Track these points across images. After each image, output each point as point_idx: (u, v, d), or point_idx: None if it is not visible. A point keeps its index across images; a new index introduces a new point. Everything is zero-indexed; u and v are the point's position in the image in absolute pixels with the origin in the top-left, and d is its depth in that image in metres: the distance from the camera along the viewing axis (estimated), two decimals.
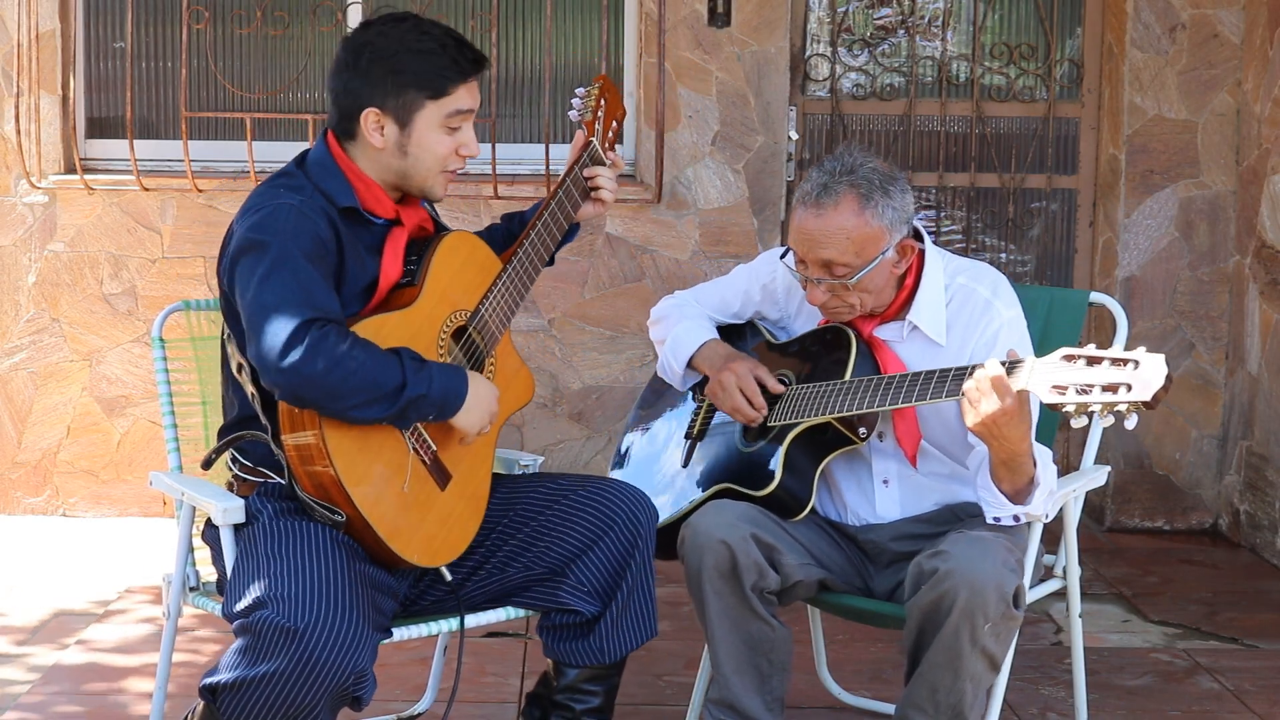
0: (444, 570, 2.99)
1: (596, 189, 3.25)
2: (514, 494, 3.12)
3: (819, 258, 3.09)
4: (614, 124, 3.34)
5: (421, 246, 3.02)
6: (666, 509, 3.29)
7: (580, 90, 3.33)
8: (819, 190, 3.08)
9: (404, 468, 2.87)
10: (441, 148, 2.96)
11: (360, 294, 2.94)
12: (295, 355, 2.72)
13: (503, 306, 3.07)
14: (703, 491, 3.24)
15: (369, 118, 2.95)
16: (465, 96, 2.97)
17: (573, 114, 3.31)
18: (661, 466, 3.40)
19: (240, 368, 2.93)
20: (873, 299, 3.14)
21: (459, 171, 3.03)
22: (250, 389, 2.90)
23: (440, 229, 3.11)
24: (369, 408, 2.77)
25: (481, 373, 3.04)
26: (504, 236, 3.30)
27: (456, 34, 3.01)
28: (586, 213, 3.27)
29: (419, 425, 2.89)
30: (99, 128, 5.55)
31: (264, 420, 2.89)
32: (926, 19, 5.60)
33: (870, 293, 3.12)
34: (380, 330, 2.86)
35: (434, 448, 2.92)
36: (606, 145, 3.30)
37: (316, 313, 2.77)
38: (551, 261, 3.29)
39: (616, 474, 3.48)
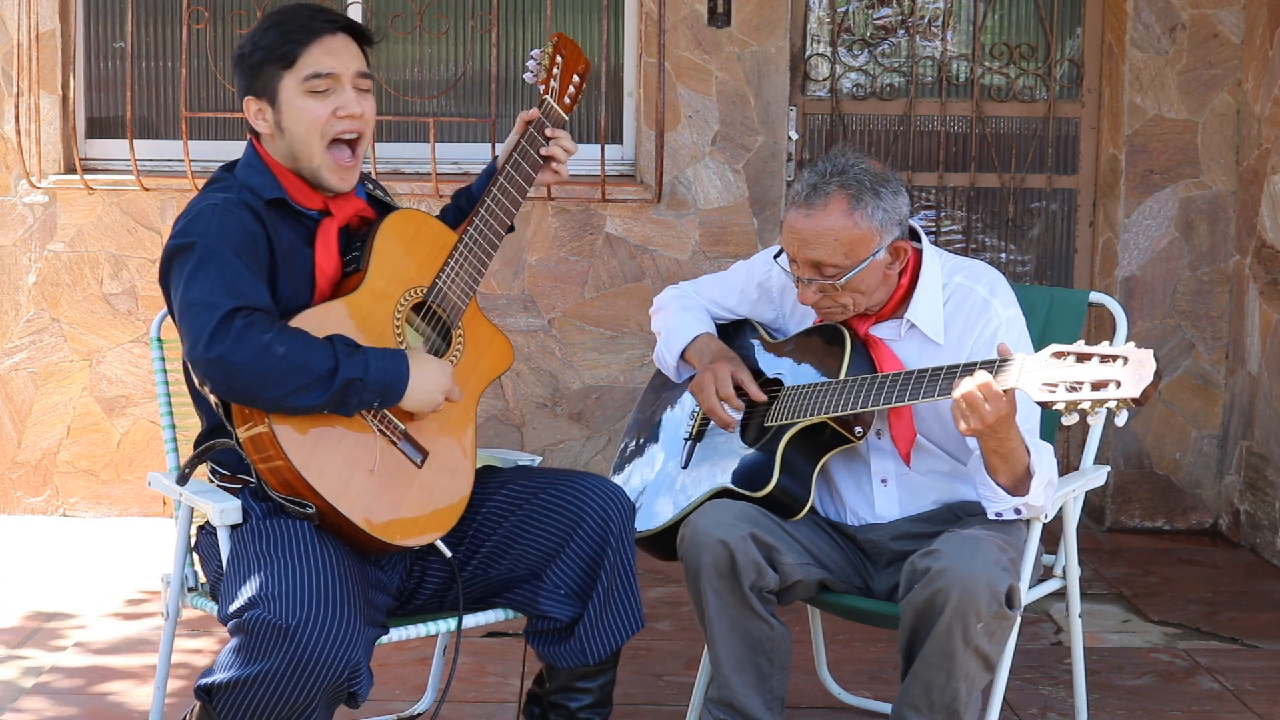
0: (441, 545, 2.97)
1: (551, 156, 3.22)
2: (489, 490, 3.10)
3: (808, 258, 3.09)
4: (574, 78, 3.30)
5: (365, 229, 3.01)
6: (666, 510, 3.29)
7: (535, 52, 3.30)
8: (809, 191, 3.09)
9: (371, 450, 2.86)
10: (309, 114, 2.94)
11: (303, 289, 2.93)
12: (221, 345, 2.72)
13: (462, 277, 3.04)
14: (702, 492, 3.24)
15: (249, 108, 3.00)
16: (321, 57, 2.94)
17: (527, 76, 3.29)
18: (661, 468, 3.40)
19: (201, 384, 2.93)
20: (866, 299, 3.14)
21: (350, 135, 2.95)
22: (214, 398, 2.90)
23: (385, 211, 3.08)
24: (303, 394, 2.75)
25: (450, 344, 3.03)
26: (455, 214, 3.29)
27: (315, 5, 3.02)
28: (544, 179, 3.24)
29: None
30: (99, 128, 5.56)
31: (229, 427, 2.88)
32: (926, 19, 5.60)
33: (862, 293, 3.12)
34: (327, 317, 2.85)
35: (402, 426, 2.90)
36: (568, 100, 3.28)
37: (241, 302, 2.77)
38: (512, 228, 3.24)
39: (617, 476, 3.48)
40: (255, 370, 2.72)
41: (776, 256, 3.23)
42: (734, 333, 3.44)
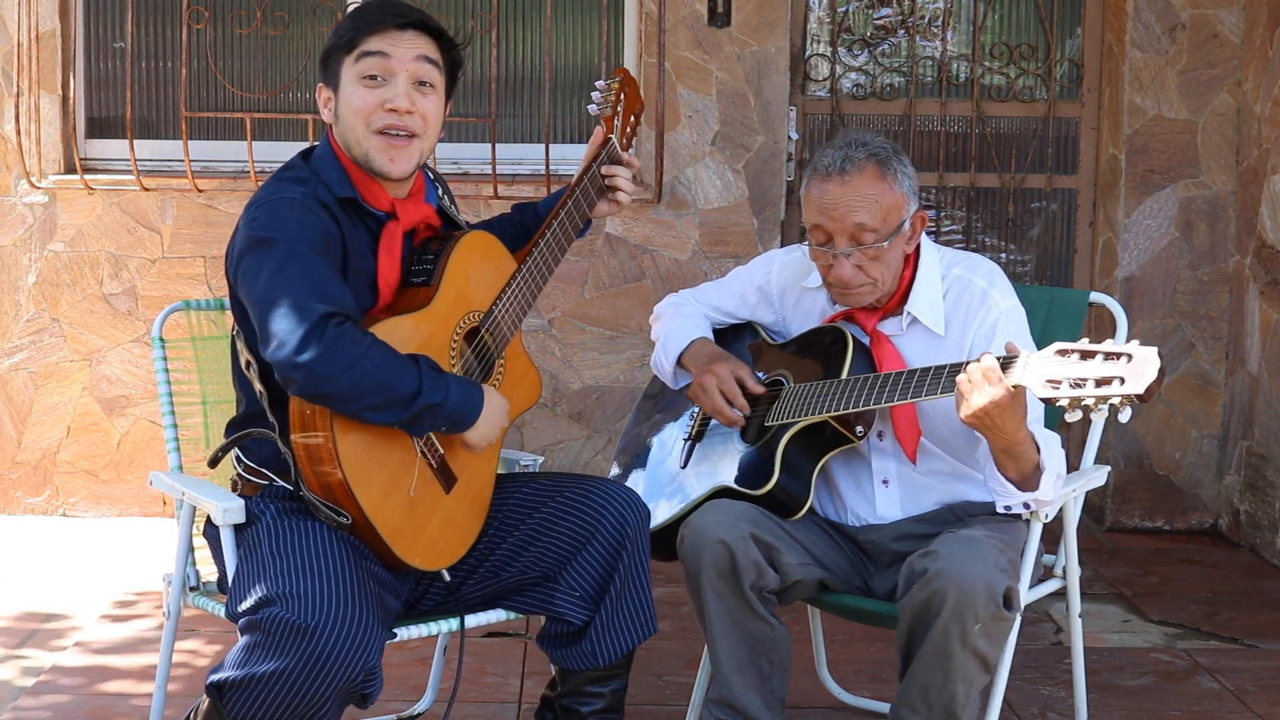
0: (443, 572, 2.98)
1: (614, 189, 3.23)
2: (503, 494, 3.10)
3: (849, 223, 3.08)
4: (632, 118, 3.31)
5: (439, 245, 2.99)
6: (666, 510, 3.29)
7: (600, 84, 3.28)
8: (841, 161, 3.10)
9: (411, 471, 2.85)
10: (358, 100, 2.89)
11: (364, 292, 2.91)
12: (312, 352, 2.68)
13: (516, 307, 3.04)
14: (701, 491, 3.24)
15: (320, 95, 2.98)
16: (377, 41, 2.90)
17: (592, 108, 3.27)
18: (661, 467, 3.40)
19: (249, 364, 2.91)
20: (890, 277, 3.15)
21: (398, 132, 2.89)
22: (258, 386, 2.88)
23: (451, 226, 3.09)
24: (382, 411, 2.73)
25: (491, 374, 3.03)
26: (515, 229, 3.28)
27: (399, 2, 2.97)
28: (601, 211, 3.24)
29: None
30: (99, 128, 5.56)
31: (272, 418, 2.87)
32: (926, 19, 5.60)
33: (889, 267, 3.13)
34: (395, 332, 2.82)
35: (441, 451, 2.90)
36: (624, 142, 3.27)
37: (331, 306, 2.73)
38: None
39: (616, 475, 3.48)
40: (341, 383, 2.69)
41: (802, 239, 3.20)
42: (734, 335, 3.44)
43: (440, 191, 3.13)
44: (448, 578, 2.99)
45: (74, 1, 5.43)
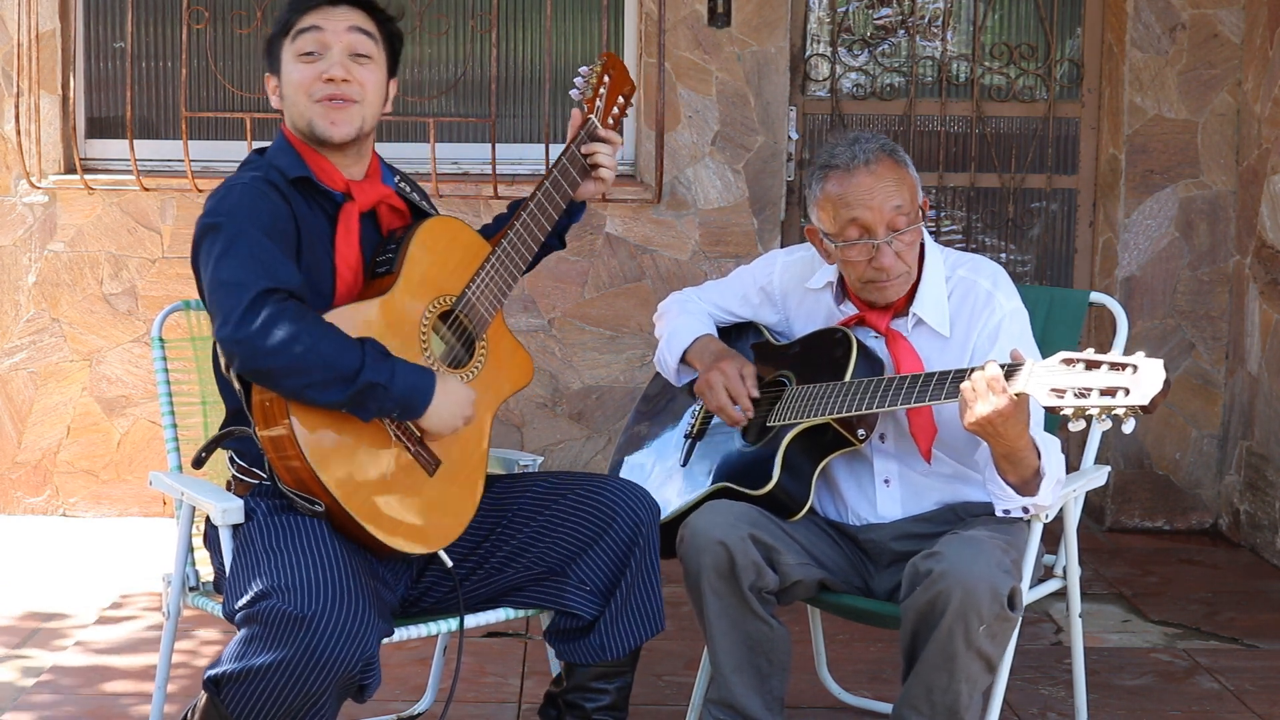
0: (443, 555, 2.98)
1: (595, 166, 3.23)
2: (512, 493, 3.11)
3: (889, 208, 3.09)
4: (619, 99, 3.30)
5: (402, 232, 3.02)
6: (665, 508, 3.29)
7: (583, 69, 3.29)
8: (860, 154, 3.12)
9: (387, 455, 2.86)
10: (297, 75, 2.98)
11: (325, 275, 2.93)
12: (253, 325, 2.72)
13: (491, 289, 3.04)
14: (701, 490, 3.24)
15: (269, 84, 3.06)
16: (310, 18, 2.98)
17: (574, 93, 3.28)
18: (661, 466, 3.40)
19: (228, 365, 2.93)
20: (915, 264, 3.17)
21: (338, 99, 2.96)
22: (238, 385, 2.90)
23: (418, 215, 3.10)
24: (323, 389, 2.74)
25: (472, 356, 3.03)
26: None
27: None
28: (587, 191, 3.24)
29: None
30: (99, 128, 5.56)
31: (249, 415, 2.89)
32: (926, 19, 5.60)
33: (915, 254, 3.16)
34: (355, 318, 2.84)
35: (418, 434, 2.90)
36: (611, 121, 3.27)
37: (274, 283, 2.77)
38: (563, 244, 3.29)
39: (616, 473, 3.48)
40: (281, 358, 2.72)
41: (829, 238, 3.18)
42: (738, 335, 3.44)
43: (397, 179, 3.15)
44: (449, 562, 2.98)
45: (74, 1, 5.44)
